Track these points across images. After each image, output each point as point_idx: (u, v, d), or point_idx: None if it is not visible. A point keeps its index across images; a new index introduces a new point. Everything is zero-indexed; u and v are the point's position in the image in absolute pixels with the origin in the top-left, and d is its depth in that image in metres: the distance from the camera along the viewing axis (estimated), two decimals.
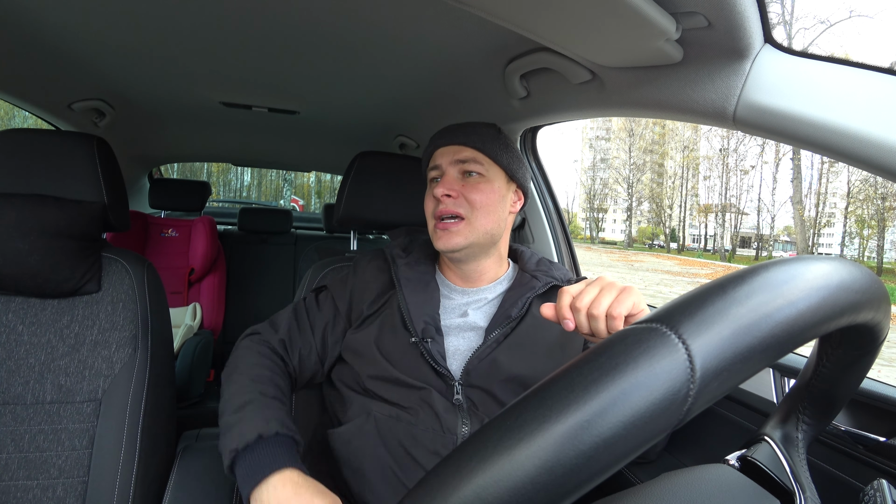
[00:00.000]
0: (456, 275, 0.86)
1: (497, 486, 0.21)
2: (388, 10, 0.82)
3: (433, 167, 0.82)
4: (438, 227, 0.79)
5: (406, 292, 0.80)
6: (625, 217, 36.53)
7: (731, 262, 25.15)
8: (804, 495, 0.36)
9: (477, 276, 0.85)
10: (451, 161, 0.80)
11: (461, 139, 0.80)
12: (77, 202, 0.89)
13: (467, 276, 0.85)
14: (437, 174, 0.82)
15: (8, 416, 0.84)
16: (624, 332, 0.24)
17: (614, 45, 0.65)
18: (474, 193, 0.78)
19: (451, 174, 0.80)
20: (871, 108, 0.50)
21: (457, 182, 0.79)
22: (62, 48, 1.04)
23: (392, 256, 0.87)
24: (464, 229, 0.78)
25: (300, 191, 18.01)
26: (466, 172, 0.80)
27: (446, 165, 0.80)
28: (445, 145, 0.81)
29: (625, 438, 0.21)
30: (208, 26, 0.92)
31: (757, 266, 0.27)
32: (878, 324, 0.31)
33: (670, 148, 34.19)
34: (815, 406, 0.39)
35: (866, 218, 23.40)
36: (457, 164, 0.80)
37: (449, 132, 0.82)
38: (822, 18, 26.81)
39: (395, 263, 0.85)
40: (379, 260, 0.89)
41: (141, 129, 1.73)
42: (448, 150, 0.81)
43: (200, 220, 2.13)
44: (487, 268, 0.85)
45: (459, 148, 0.80)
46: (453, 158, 0.80)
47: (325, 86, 1.25)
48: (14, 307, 0.88)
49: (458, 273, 0.85)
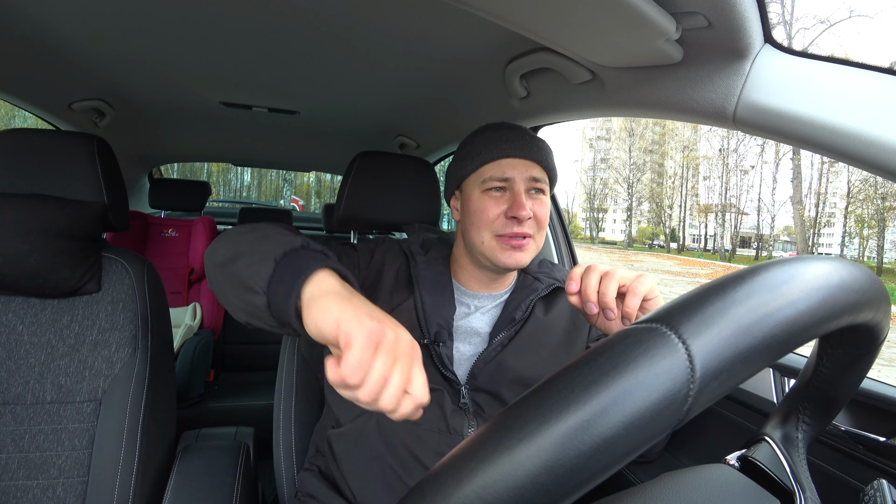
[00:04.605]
0: (479, 281, 0.82)
1: (497, 486, 0.21)
2: (389, 10, 0.82)
3: (502, 178, 0.75)
4: (510, 243, 0.74)
5: (423, 292, 0.78)
6: (625, 217, 36.55)
7: (731, 262, 25.16)
8: (804, 495, 0.36)
9: (500, 284, 0.83)
10: (525, 177, 0.75)
11: (536, 155, 0.76)
12: (77, 202, 0.89)
13: (492, 283, 0.82)
14: (503, 185, 0.76)
15: (8, 416, 0.84)
16: (624, 332, 0.24)
17: (614, 45, 0.65)
18: (542, 211, 0.76)
19: (522, 190, 0.75)
20: (871, 108, 0.50)
21: (528, 200, 0.75)
22: (62, 48, 1.04)
23: (411, 252, 0.83)
24: (531, 247, 0.76)
25: (300, 191, 18.02)
26: (534, 190, 0.77)
27: (519, 181, 0.75)
28: (517, 157, 0.76)
29: (625, 438, 0.21)
30: (208, 26, 0.92)
31: (757, 266, 0.27)
32: (878, 324, 0.31)
33: (670, 148, 34.19)
34: (815, 406, 0.39)
35: (866, 218, 23.40)
36: (529, 181, 0.76)
37: (518, 142, 0.76)
38: (822, 18, 26.80)
39: (413, 260, 0.82)
40: (398, 251, 0.85)
41: (141, 129, 1.73)
42: (520, 163, 0.75)
43: (200, 220, 2.13)
44: (510, 274, 0.83)
45: (532, 164, 0.76)
46: (528, 175, 0.75)
47: (324, 86, 1.25)
48: (14, 307, 0.88)
49: (483, 280, 0.82)
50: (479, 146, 0.78)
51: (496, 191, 0.75)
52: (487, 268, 0.79)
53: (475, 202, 0.76)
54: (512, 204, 0.73)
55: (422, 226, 0.96)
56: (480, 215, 0.75)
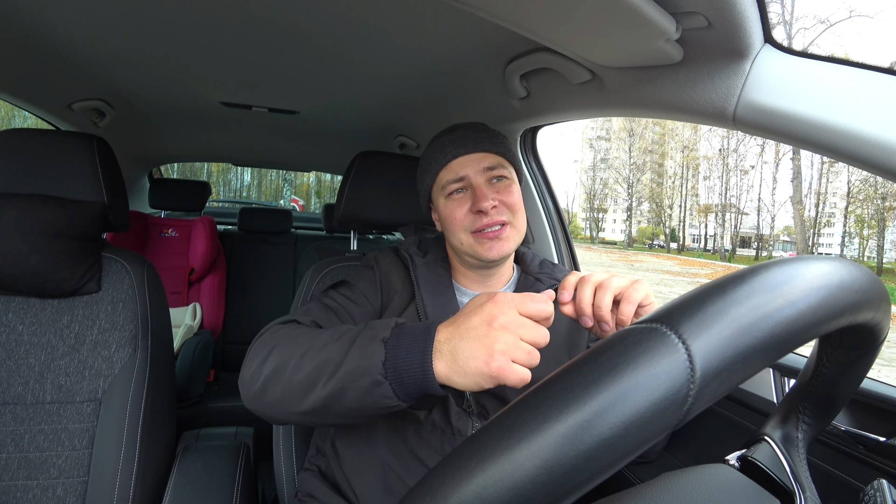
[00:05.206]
0: (474, 281, 0.83)
1: (497, 486, 0.21)
2: (389, 10, 0.82)
3: (457, 179, 0.77)
4: (486, 236, 0.75)
5: (424, 294, 0.78)
6: (625, 217, 36.54)
7: (731, 262, 25.16)
8: (804, 495, 0.36)
9: (496, 280, 0.83)
10: (478, 170, 0.77)
11: (485, 146, 0.77)
12: (77, 202, 0.89)
13: (487, 280, 0.83)
14: (461, 185, 0.77)
15: (8, 416, 0.84)
16: (624, 332, 0.24)
17: (614, 45, 0.65)
18: (509, 197, 0.77)
19: (481, 183, 0.76)
20: (871, 108, 0.50)
21: (490, 190, 0.76)
22: (62, 48, 1.04)
23: (409, 255, 0.83)
24: (511, 234, 0.76)
25: (300, 191, 18.02)
26: (495, 178, 0.78)
27: (474, 175, 0.76)
28: (464, 154, 0.77)
29: (625, 438, 0.21)
30: (208, 26, 0.92)
31: (757, 266, 0.27)
32: (878, 324, 0.31)
33: (670, 148, 34.20)
34: (815, 406, 0.39)
35: (866, 218, 23.40)
36: (485, 171, 0.77)
37: (462, 140, 0.78)
38: (822, 18, 26.79)
39: (413, 263, 0.82)
40: (395, 258, 0.85)
41: (141, 129, 1.73)
42: (471, 158, 0.77)
43: (200, 220, 2.13)
44: (505, 269, 0.84)
45: (484, 155, 0.77)
46: (481, 167, 0.77)
47: (324, 86, 1.25)
48: (14, 307, 0.88)
49: (477, 278, 0.82)
50: (430, 157, 0.81)
51: (458, 192, 0.78)
52: (477, 265, 0.80)
53: (443, 209, 0.79)
54: (473, 199, 0.75)
55: (416, 225, 0.96)
56: (451, 219, 0.78)
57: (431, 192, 0.82)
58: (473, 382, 0.48)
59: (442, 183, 0.79)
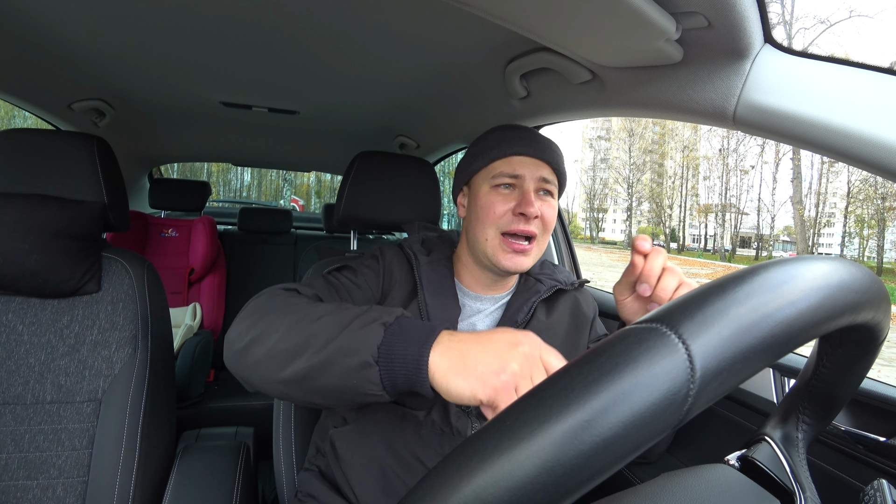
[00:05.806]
0: (479, 281, 0.81)
1: (497, 486, 0.21)
2: (389, 10, 0.82)
3: (512, 175, 0.75)
4: (509, 244, 0.73)
5: (427, 293, 0.77)
6: (625, 217, 36.56)
7: (731, 262, 25.16)
8: (804, 495, 0.36)
9: (502, 285, 0.82)
10: (535, 176, 0.75)
11: (547, 156, 0.76)
12: (77, 202, 0.89)
13: (493, 284, 0.81)
14: (513, 182, 0.75)
15: (8, 416, 0.84)
16: (624, 331, 0.24)
17: (614, 45, 0.65)
18: (549, 212, 0.75)
19: (531, 189, 0.74)
20: (871, 108, 0.50)
21: (536, 199, 0.74)
22: (62, 48, 1.04)
23: (414, 253, 0.82)
24: (534, 251, 0.75)
25: (300, 191, 18.02)
26: (543, 191, 0.76)
27: (529, 179, 0.74)
28: (528, 156, 0.75)
29: (625, 438, 0.21)
30: (208, 26, 0.92)
31: (757, 266, 0.27)
32: (878, 324, 0.31)
33: (670, 148, 34.20)
34: (815, 406, 0.39)
35: (866, 218, 23.40)
36: (539, 180, 0.75)
37: (530, 142, 0.76)
38: (822, 18, 26.80)
39: (417, 261, 0.80)
40: (399, 253, 0.84)
41: (141, 129, 1.73)
42: (531, 162, 0.75)
43: (200, 219, 2.13)
44: (514, 277, 0.83)
45: (542, 164, 0.76)
46: (538, 174, 0.75)
47: (324, 86, 1.25)
48: (14, 307, 0.88)
49: (484, 280, 0.81)
50: (492, 143, 0.78)
51: (505, 188, 0.75)
52: (488, 269, 0.78)
53: (483, 197, 0.76)
54: (521, 201, 0.73)
55: (421, 224, 0.95)
56: (488, 210, 0.75)
57: (476, 175, 0.79)
58: (468, 387, 0.46)
59: (494, 172, 0.76)
